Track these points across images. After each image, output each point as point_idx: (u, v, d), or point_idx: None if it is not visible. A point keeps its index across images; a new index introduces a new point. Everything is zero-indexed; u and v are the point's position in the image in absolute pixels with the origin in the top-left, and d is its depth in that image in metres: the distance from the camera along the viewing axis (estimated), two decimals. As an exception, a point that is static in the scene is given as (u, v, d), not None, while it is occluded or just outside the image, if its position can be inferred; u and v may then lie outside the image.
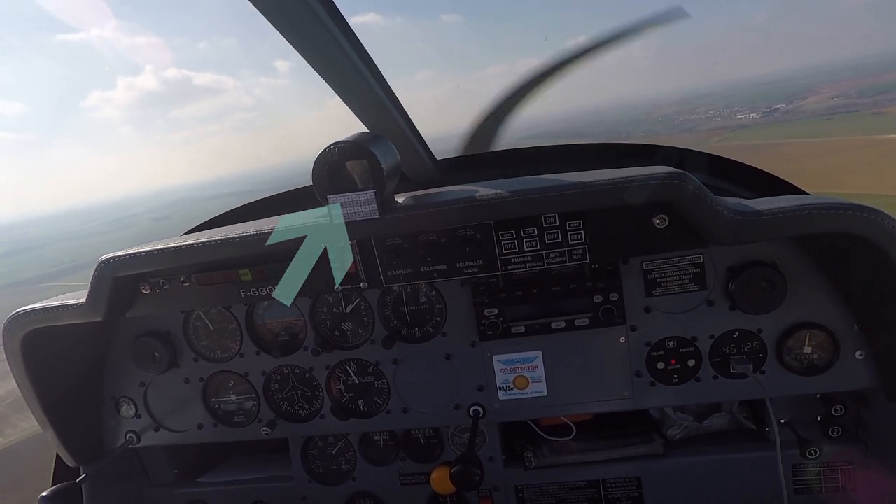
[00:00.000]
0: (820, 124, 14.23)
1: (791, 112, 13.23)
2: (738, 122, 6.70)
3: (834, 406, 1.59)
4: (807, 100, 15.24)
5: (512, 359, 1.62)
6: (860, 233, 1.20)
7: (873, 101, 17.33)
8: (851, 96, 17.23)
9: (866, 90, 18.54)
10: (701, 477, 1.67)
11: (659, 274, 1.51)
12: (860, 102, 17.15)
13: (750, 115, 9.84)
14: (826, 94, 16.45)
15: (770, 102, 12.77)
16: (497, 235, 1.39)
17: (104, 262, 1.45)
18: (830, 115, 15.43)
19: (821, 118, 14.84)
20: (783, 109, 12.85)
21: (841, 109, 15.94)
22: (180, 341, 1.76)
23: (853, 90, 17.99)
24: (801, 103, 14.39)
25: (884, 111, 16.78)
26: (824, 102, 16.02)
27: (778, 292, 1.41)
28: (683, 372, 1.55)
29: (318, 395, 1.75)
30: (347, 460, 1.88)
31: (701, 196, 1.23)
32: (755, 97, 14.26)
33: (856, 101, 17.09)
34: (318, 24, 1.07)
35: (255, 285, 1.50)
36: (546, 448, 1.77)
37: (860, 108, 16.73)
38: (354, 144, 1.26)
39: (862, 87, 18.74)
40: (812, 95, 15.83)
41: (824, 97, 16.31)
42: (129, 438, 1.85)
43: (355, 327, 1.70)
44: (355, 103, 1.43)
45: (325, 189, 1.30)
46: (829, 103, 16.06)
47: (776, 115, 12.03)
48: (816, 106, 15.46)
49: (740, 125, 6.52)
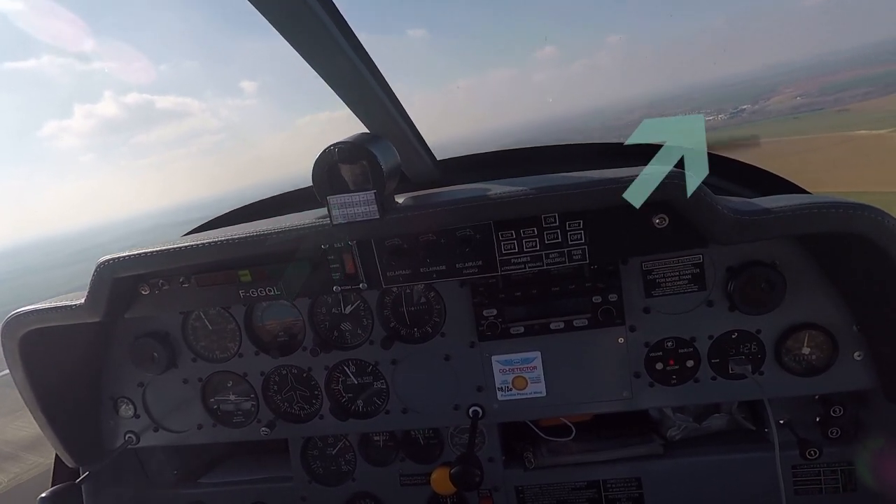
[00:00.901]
0: (788, 123, 14.40)
1: (757, 112, 13.35)
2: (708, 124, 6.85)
3: (833, 407, 1.59)
4: (771, 100, 15.41)
5: (511, 359, 1.62)
6: (860, 232, 1.20)
7: (835, 99, 17.59)
8: (813, 95, 17.47)
9: (827, 88, 18.80)
10: (701, 477, 1.67)
11: (658, 274, 1.51)
12: (823, 101, 17.41)
13: (718, 117, 9.94)
14: (789, 94, 16.65)
15: (735, 103, 12.91)
16: (497, 236, 1.39)
17: (104, 263, 1.45)
18: (797, 113, 15.63)
19: (788, 117, 15.00)
20: (749, 110, 12.97)
21: (805, 108, 16.18)
22: (179, 342, 1.76)
23: (814, 89, 18.23)
24: (766, 103, 14.52)
25: (847, 108, 17.03)
26: (788, 102, 16.21)
27: (777, 292, 1.41)
28: (682, 373, 1.55)
29: (318, 396, 1.75)
30: (347, 461, 1.88)
31: (701, 195, 1.23)
32: (720, 99, 14.44)
33: (818, 99, 17.35)
34: (317, 24, 1.06)
35: (255, 286, 1.49)
36: (546, 448, 1.77)
37: (824, 107, 17.01)
38: (354, 145, 1.26)
39: (823, 86, 18.97)
40: (775, 95, 15.99)
41: (787, 96, 16.50)
42: (129, 439, 1.84)
43: (354, 328, 1.69)
44: (355, 103, 1.43)
45: (325, 190, 1.29)
46: (793, 102, 16.28)
47: (743, 115, 12.16)
48: (781, 105, 15.64)
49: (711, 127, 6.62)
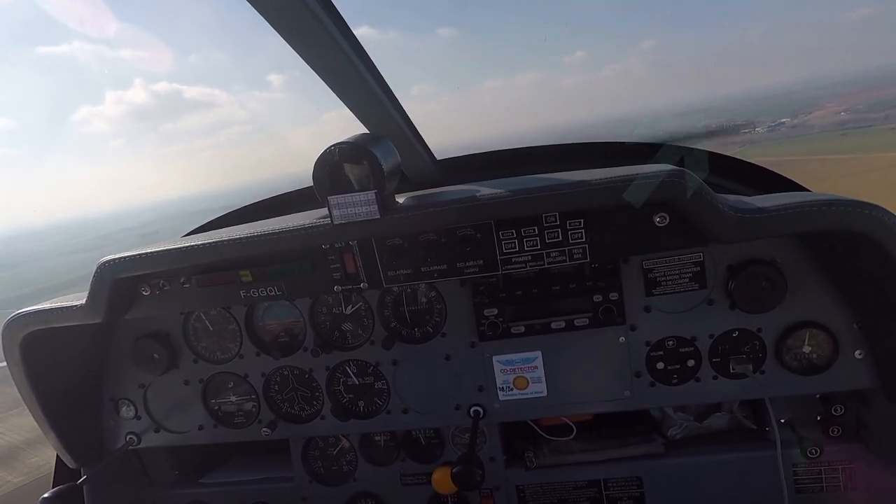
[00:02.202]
0: (835, 139, 13.81)
1: (798, 126, 12.96)
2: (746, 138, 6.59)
3: (834, 405, 1.59)
4: (812, 114, 14.88)
5: (512, 359, 1.62)
6: (861, 230, 1.20)
7: (885, 116, 16.92)
8: (861, 111, 16.78)
9: (876, 104, 18.03)
10: (702, 476, 1.67)
11: (659, 273, 1.51)
12: (872, 117, 16.71)
13: (755, 130, 9.65)
14: (832, 109, 16.01)
15: (774, 117, 12.51)
16: (497, 235, 1.39)
17: (104, 263, 1.45)
18: (843, 129, 15.00)
19: (834, 132, 14.42)
20: (789, 124, 12.61)
21: (851, 124, 15.53)
22: (180, 343, 1.76)
23: (861, 104, 17.53)
24: (807, 118, 14.07)
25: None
26: (831, 117, 15.61)
27: (778, 291, 1.41)
28: (683, 372, 1.55)
29: (318, 396, 1.75)
30: (348, 461, 1.88)
31: (701, 194, 1.23)
32: (757, 111, 13.97)
33: (866, 115, 16.66)
34: (317, 25, 1.07)
35: (255, 286, 1.50)
36: (547, 448, 1.77)
37: (873, 123, 16.30)
38: (355, 145, 1.26)
39: (871, 101, 18.23)
40: (818, 110, 15.44)
41: (830, 111, 15.91)
42: (130, 439, 1.84)
43: (355, 328, 1.69)
44: (355, 104, 1.43)
45: (325, 190, 1.30)
46: (837, 118, 15.66)
47: (782, 129, 11.82)
48: (824, 121, 15.06)
49: (748, 140, 6.40)
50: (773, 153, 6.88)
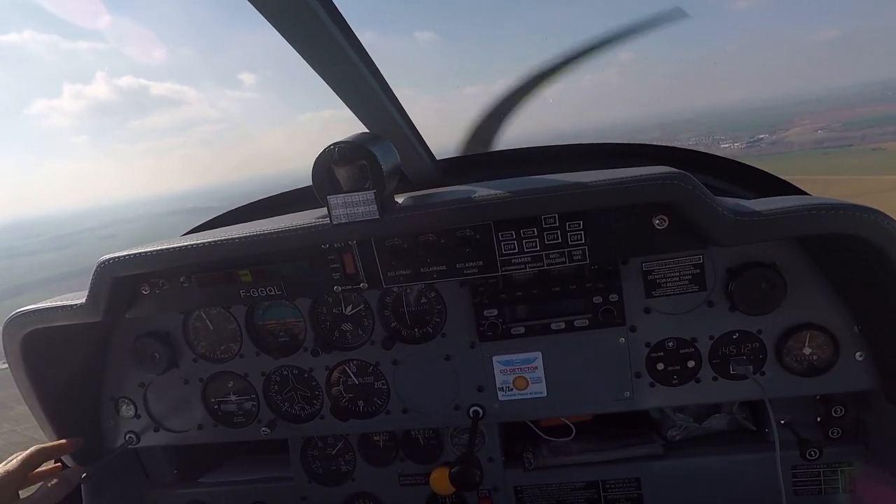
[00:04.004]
0: (818, 158, 13.76)
1: (777, 143, 12.93)
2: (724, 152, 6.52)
3: (834, 407, 1.58)
4: (789, 131, 14.84)
5: (511, 359, 1.62)
6: (860, 233, 1.20)
7: (862, 136, 16.77)
8: (837, 129, 16.70)
9: (851, 123, 17.92)
10: (701, 478, 1.66)
11: (659, 275, 1.51)
12: (849, 136, 16.57)
13: (734, 145, 9.58)
14: (808, 126, 15.97)
15: (752, 132, 12.43)
16: (497, 236, 1.39)
17: (104, 262, 1.45)
18: (824, 148, 14.88)
19: (816, 151, 14.36)
20: (767, 140, 12.58)
21: (830, 143, 15.43)
22: (180, 342, 1.76)
23: (836, 122, 17.43)
24: (784, 134, 14.04)
25: (882, 147, 16.02)
26: (809, 135, 15.57)
27: (777, 293, 1.40)
28: (683, 373, 1.55)
29: (318, 396, 1.75)
30: (347, 461, 1.88)
31: (701, 197, 1.23)
32: (734, 125, 13.89)
33: (843, 133, 16.54)
34: (317, 24, 1.07)
35: (255, 286, 1.50)
36: (546, 449, 1.77)
37: (852, 143, 16.14)
38: (354, 145, 1.26)
39: (845, 120, 18.10)
40: (793, 126, 15.39)
41: (807, 128, 15.86)
42: (129, 439, 1.84)
43: (355, 328, 1.69)
44: (355, 103, 1.43)
45: (324, 189, 1.30)
46: (815, 136, 15.61)
47: (761, 145, 11.76)
48: (801, 138, 15.02)
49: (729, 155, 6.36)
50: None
